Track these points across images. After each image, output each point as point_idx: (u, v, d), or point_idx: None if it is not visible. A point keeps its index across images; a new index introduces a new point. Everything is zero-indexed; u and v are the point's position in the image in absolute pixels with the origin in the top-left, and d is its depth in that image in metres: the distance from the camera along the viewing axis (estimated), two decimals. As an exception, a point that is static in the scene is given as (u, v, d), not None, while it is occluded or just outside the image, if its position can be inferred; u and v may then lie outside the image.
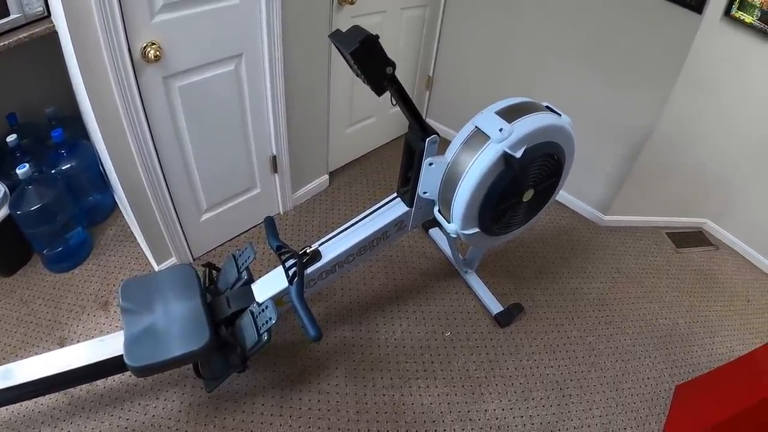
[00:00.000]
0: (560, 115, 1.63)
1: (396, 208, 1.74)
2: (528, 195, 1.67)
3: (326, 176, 2.72)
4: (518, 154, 1.48)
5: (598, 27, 2.34)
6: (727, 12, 2.09)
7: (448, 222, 1.66)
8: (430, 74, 3.11)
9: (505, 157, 1.48)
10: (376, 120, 2.92)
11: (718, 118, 2.47)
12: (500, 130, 1.47)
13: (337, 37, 1.34)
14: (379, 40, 1.31)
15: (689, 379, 2.12)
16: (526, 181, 1.62)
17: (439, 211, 1.70)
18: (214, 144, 2.03)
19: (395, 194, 1.78)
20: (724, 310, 2.55)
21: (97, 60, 1.50)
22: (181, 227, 2.12)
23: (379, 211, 1.73)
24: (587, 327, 2.27)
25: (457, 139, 1.57)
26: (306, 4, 2.01)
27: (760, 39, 2.18)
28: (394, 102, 1.46)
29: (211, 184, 2.13)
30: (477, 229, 1.65)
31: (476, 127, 1.54)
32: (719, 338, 2.39)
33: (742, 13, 2.10)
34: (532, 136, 1.51)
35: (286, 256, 1.68)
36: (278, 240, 1.72)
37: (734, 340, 2.40)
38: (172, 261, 2.17)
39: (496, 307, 2.19)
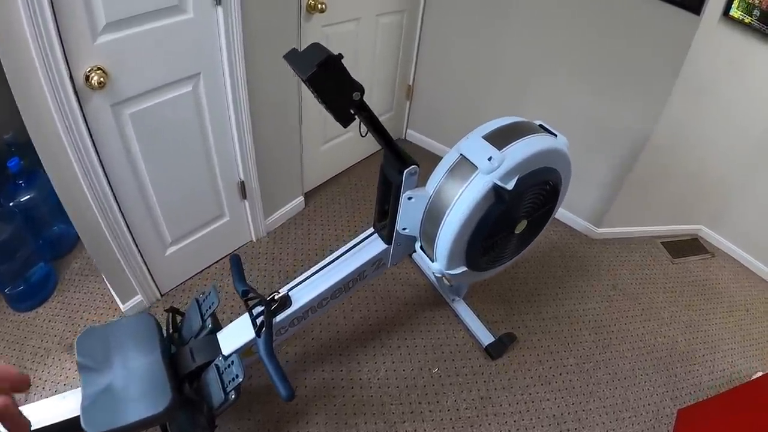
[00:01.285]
0: (556, 135, 1.39)
1: (373, 245, 1.48)
2: (521, 226, 1.43)
3: (301, 198, 2.45)
4: (510, 186, 1.24)
5: (591, 31, 2.12)
6: (726, 12, 1.88)
7: (432, 261, 1.41)
8: (410, 83, 2.85)
9: (496, 190, 1.24)
10: (353, 134, 2.64)
11: (717, 120, 2.27)
12: (489, 158, 1.22)
13: (292, 58, 1.08)
14: (343, 59, 1.06)
15: (691, 402, 1.95)
16: (519, 212, 1.38)
17: (421, 247, 1.46)
18: (175, 173, 1.77)
19: (372, 229, 1.52)
20: (723, 322, 2.36)
21: (34, 88, 1.26)
22: (145, 263, 1.86)
23: (354, 249, 1.48)
24: (584, 353, 2.04)
25: (440, 169, 1.32)
26: (270, 15, 1.76)
27: (759, 40, 1.97)
28: (364, 133, 1.20)
29: (175, 215, 1.87)
30: (464, 268, 1.41)
31: (461, 155, 1.29)
32: (720, 353, 2.20)
33: (741, 13, 1.89)
34: (525, 164, 1.27)
35: (253, 303, 1.44)
36: (244, 283, 1.46)
37: (735, 354, 2.21)
38: (137, 299, 1.92)
39: (486, 337, 1.95)
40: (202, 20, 1.56)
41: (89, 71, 1.34)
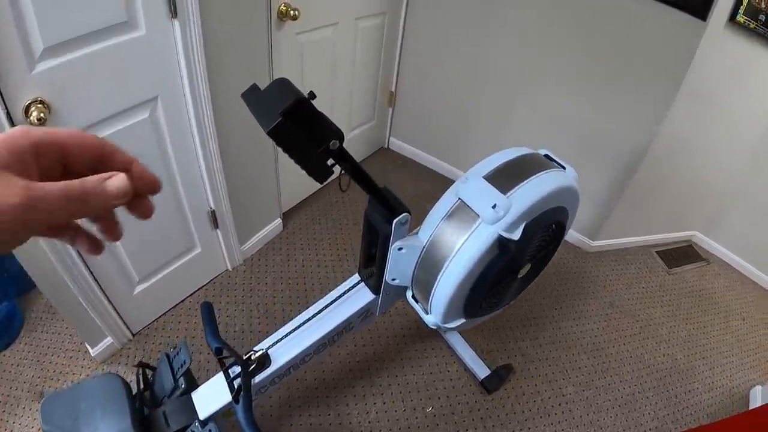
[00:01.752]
0: (564, 168, 1.20)
1: (359, 296, 1.28)
2: (524, 270, 1.24)
3: (279, 220, 2.21)
4: (516, 236, 1.05)
5: (590, 36, 1.93)
6: (732, 17, 1.70)
7: (427, 313, 1.22)
8: (393, 89, 2.62)
9: (500, 241, 1.04)
10: (334, 145, 2.42)
11: (718, 126, 2.11)
12: (494, 206, 1.02)
13: (251, 99, 0.85)
14: (314, 99, 0.83)
15: (692, 424, 1.84)
16: (524, 258, 1.19)
17: (413, 296, 1.26)
18: (135, 208, 1.54)
19: (357, 277, 1.32)
20: (721, 333, 2.23)
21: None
22: (112, 305, 1.64)
23: (339, 300, 1.28)
24: (583, 380, 1.88)
25: (436, 215, 1.12)
26: (235, 26, 1.53)
27: (764, 45, 1.82)
28: (345, 187, 0.99)
29: (140, 252, 1.64)
30: (462, 320, 1.23)
31: (460, 199, 1.09)
32: (719, 368, 2.07)
33: (746, 18, 1.71)
34: (534, 209, 1.08)
35: (229, 362, 1.24)
36: (218, 338, 1.26)
37: (733, 367, 2.10)
38: (107, 341, 1.70)
39: (482, 370, 1.78)
40: (157, 36, 1.32)
41: (29, 105, 1.11)
